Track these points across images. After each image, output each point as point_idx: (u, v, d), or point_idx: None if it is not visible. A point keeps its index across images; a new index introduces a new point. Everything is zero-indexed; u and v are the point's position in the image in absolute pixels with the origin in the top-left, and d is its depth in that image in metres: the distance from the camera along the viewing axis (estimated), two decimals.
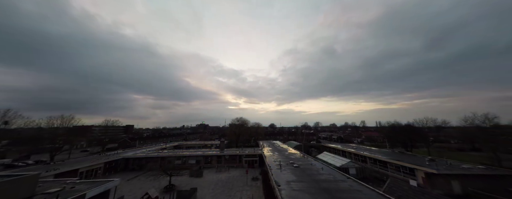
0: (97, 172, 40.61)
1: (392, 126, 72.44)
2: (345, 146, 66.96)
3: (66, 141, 54.21)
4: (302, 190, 21.13)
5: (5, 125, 44.12)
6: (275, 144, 78.37)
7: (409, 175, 34.00)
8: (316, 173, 28.86)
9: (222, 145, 58.38)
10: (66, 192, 18.02)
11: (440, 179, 28.88)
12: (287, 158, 41.98)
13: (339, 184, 22.85)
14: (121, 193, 28.00)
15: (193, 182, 35.32)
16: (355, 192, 20.09)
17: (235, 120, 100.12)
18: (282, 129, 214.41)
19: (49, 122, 53.95)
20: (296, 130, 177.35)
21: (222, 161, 50.73)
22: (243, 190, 30.56)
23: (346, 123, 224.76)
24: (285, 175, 27.50)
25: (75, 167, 35.61)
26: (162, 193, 28.84)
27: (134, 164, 49.22)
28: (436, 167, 30.51)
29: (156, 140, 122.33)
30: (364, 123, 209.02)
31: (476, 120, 44.41)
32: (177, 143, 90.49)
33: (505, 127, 41.44)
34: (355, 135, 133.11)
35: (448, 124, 70.47)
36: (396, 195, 20.60)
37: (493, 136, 38.22)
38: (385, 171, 39.88)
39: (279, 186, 22.11)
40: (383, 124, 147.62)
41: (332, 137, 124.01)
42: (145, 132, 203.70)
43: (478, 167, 31.52)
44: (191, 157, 51.33)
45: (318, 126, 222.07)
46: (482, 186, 26.79)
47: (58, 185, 20.06)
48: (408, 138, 56.34)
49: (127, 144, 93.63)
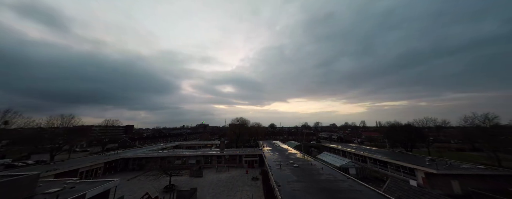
0: (97, 172, 40.60)
1: (392, 126, 72.49)
2: (345, 146, 66.94)
3: (66, 141, 54.19)
4: (302, 190, 21.13)
5: (5, 125, 44.09)
6: (275, 144, 78.38)
7: (409, 175, 33.99)
8: (316, 173, 28.86)
9: (222, 145, 58.37)
10: (66, 192, 18.02)
11: (440, 179, 28.87)
12: (287, 158, 41.98)
13: (339, 184, 22.84)
14: (121, 193, 27.95)
15: (193, 182, 35.31)
16: (355, 192, 20.08)
17: (235, 120, 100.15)
18: (282, 129, 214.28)
19: (49, 122, 54.01)
20: (296, 130, 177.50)
21: (222, 161, 50.73)
22: (243, 190, 30.54)
23: (346, 123, 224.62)
24: (285, 175, 27.50)
25: (75, 167, 35.60)
26: (162, 193, 28.82)
27: (134, 164, 49.20)
28: (436, 167, 30.48)
29: (156, 140, 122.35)
30: (364, 123, 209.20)
31: (476, 120, 44.45)
32: (177, 143, 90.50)
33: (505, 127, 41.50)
34: (355, 135, 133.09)
35: (448, 124, 70.39)
36: (396, 195, 20.63)
37: (493, 136, 38.25)
38: (385, 171, 39.88)
39: (279, 186, 22.10)
40: (383, 124, 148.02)
41: (332, 137, 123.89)
42: (145, 132, 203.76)
43: (478, 167, 31.50)
44: (191, 157, 51.33)
45: (318, 126, 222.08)
46: (482, 186, 26.79)
47: (58, 185, 20.05)
48: (408, 138, 56.34)
49: (127, 144, 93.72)
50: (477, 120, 44.18)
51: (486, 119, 42.56)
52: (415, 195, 20.28)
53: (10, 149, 54.65)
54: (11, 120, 44.78)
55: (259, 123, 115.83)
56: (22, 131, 49.80)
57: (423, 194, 20.19)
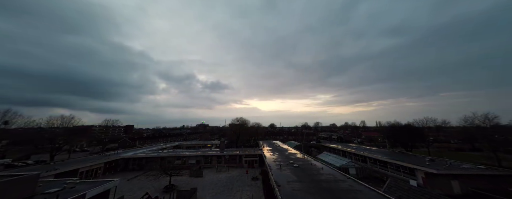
0: (97, 172, 40.58)
1: (392, 126, 72.50)
2: (345, 146, 66.89)
3: (66, 141, 54.20)
4: (302, 190, 21.13)
5: (5, 125, 44.11)
6: (275, 144, 78.34)
7: (409, 175, 33.98)
8: (316, 173, 28.85)
9: (222, 145, 58.36)
10: (66, 192, 18.01)
11: (440, 179, 28.86)
12: (287, 158, 41.96)
13: (339, 184, 22.83)
14: (121, 193, 27.94)
15: (193, 182, 35.31)
16: (355, 192, 20.07)
17: (235, 120, 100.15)
18: (282, 129, 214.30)
19: (49, 122, 54.05)
20: (296, 130, 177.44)
21: (222, 161, 50.72)
22: (243, 190, 30.54)
23: (346, 123, 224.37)
24: (285, 175, 27.49)
25: (75, 167, 35.57)
26: (162, 193, 28.82)
27: (134, 164, 49.17)
28: (436, 167, 30.50)
29: (156, 140, 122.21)
30: (364, 123, 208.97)
31: (476, 120, 44.45)
32: (177, 143, 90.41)
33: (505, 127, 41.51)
34: (355, 135, 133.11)
35: (448, 124, 70.42)
36: (396, 195, 20.59)
37: (493, 136, 38.26)
38: (385, 171, 39.85)
39: (279, 186, 22.09)
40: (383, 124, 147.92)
41: (332, 137, 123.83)
42: (145, 132, 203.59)
43: (478, 167, 31.49)
44: (191, 157, 51.30)
45: (318, 126, 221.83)
46: (482, 186, 26.80)
47: (58, 185, 20.03)
48: (408, 138, 56.32)
49: (127, 144, 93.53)
50: (477, 120, 44.21)
51: (486, 119, 42.57)
52: (415, 195, 20.25)
53: (10, 149, 54.65)
54: (11, 120, 44.81)
55: (259, 123, 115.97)
56: (22, 131, 49.84)
57: (423, 194, 20.15)
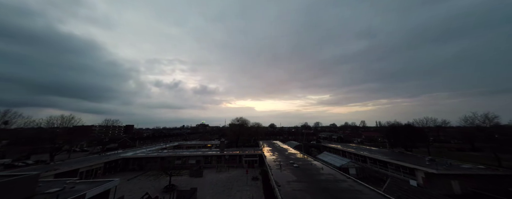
0: (97, 172, 40.56)
1: (392, 126, 72.45)
2: (345, 146, 66.92)
3: (66, 141, 54.17)
4: (302, 190, 21.14)
5: (5, 125, 44.11)
6: (275, 144, 78.40)
7: (409, 175, 33.99)
8: (316, 173, 28.87)
9: (222, 145, 58.32)
10: (66, 192, 18.03)
11: (440, 179, 28.87)
12: (287, 158, 41.99)
13: (339, 184, 22.85)
14: (121, 193, 27.94)
15: (193, 182, 35.30)
16: (355, 192, 20.09)
17: (235, 120, 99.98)
18: (282, 129, 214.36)
19: (49, 122, 54.00)
20: (296, 130, 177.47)
21: (222, 161, 50.71)
22: (243, 190, 30.52)
23: (346, 123, 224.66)
24: (285, 175, 27.52)
25: (75, 167, 35.53)
26: (162, 193, 28.82)
27: (134, 164, 49.15)
28: (436, 167, 30.48)
29: (156, 140, 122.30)
30: (364, 123, 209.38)
31: (476, 120, 44.40)
32: (177, 143, 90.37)
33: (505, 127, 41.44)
34: (355, 135, 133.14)
35: (448, 124, 70.39)
36: (396, 195, 20.59)
37: (493, 136, 38.22)
38: (385, 171, 39.85)
39: (279, 186, 22.11)
40: (383, 124, 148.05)
41: (332, 137, 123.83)
42: (145, 132, 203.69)
43: (478, 167, 31.51)
44: (191, 157, 51.31)
45: (318, 126, 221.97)
46: (482, 186, 26.80)
47: (58, 185, 20.06)
48: (408, 138, 56.31)
49: (127, 144, 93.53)
50: (477, 120, 44.15)
51: (486, 119, 42.53)
52: (415, 195, 20.26)
53: (10, 149, 54.64)
54: (11, 120, 44.81)
55: (259, 123, 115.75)
56: (22, 131, 49.85)
57: (423, 194, 20.17)
